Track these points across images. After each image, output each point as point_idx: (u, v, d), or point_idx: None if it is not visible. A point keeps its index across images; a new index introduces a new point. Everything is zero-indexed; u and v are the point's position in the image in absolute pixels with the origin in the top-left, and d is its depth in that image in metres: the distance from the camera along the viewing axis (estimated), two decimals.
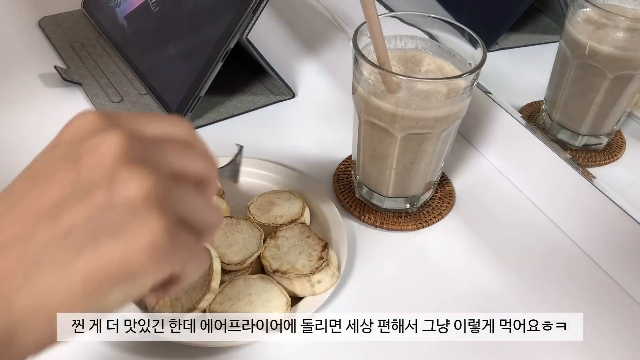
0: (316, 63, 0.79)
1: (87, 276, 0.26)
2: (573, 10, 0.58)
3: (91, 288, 0.27)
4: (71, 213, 0.27)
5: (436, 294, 0.53)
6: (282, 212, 0.54)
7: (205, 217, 0.31)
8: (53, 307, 0.26)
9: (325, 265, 0.49)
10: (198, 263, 0.32)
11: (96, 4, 0.80)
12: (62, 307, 0.27)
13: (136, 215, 0.27)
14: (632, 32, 0.55)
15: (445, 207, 0.60)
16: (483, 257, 0.56)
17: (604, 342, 0.50)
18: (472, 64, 0.52)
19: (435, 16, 0.54)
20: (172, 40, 0.70)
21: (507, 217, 0.60)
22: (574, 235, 0.58)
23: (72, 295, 0.27)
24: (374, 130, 0.53)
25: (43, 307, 0.26)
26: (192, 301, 0.46)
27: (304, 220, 0.54)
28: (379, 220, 0.58)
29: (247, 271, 0.51)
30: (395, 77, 0.49)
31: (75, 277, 0.26)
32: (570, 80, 0.60)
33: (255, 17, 0.63)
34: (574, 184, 0.56)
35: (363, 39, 0.51)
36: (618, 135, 0.65)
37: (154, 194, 0.27)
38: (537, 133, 0.60)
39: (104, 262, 0.27)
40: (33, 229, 0.27)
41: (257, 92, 0.72)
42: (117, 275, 0.27)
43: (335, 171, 0.63)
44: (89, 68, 0.73)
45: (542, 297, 0.53)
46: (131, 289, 0.28)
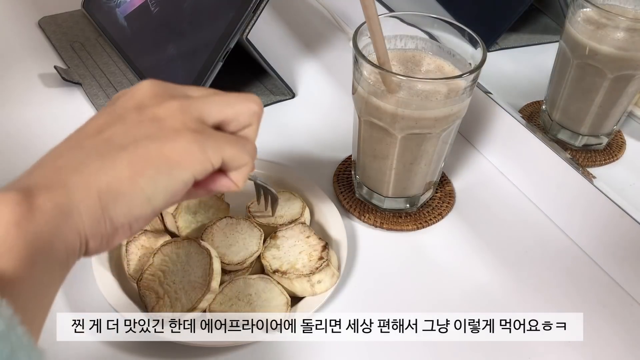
0: (316, 63, 0.79)
1: (129, 162, 0.32)
2: (573, 10, 0.58)
3: (134, 171, 0.32)
4: (113, 128, 0.33)
5: (436, 294, 0.53)
6: (282, 212, 0.54)
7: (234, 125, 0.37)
8: (103, 185, 0.31)
9: (325, 265, 0.49)
10: (236, 147, 0.35)
11: (96, 4, 0.80)
12: (110, 186, 0.31)
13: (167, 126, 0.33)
14: (632, 32, 0.55)
15: (445, 207, 0.60)
16: (483, 257, 0.56)
17: (604, 342, 0.50)
18: (472, 64, 0.52)
19: (435, 16, 0.54)
20: (172, 40, 0.70)
21: (507, 217, 0.60)
22: (574, 235, 0.58)
23: (118, 176, 0.31)
24: (374, 130, 0.53)
25: (93, 185, 0.31)
26: (192, 301, 0.46)
27: (304, 220, 0.54)
28: (379, 220, 0.58)
29: (247, 271, 0.51)
30: (395, 77, 0.49)
31: (120, 164, 0.32)
32: (570, 80, 0.60)
33: (255, 17, 0.63)
34: (574, 184, 0.56)
35: (363, 39, 0.51)
36: (618, 135, 0.65)
37: (181, 109, 0.34)
38: (537, 133, 0.60)
39: (143, 152, 0.32)
40: (85, 139, 0.33)
41: (257, 92, 0.72)
42: (156, 164, 0.32)
43: (335, 171, 0.63)
44: (89, 68, 0.73)
45: (542, 297, 0.53)
46: (172, 180, 0.33)
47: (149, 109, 0.34)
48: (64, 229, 0.30)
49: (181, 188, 0.33)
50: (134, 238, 0.50)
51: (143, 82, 0.35)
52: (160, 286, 0.47)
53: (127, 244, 0.50)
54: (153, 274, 0.48)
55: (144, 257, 0.50)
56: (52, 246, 0.29)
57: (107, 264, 0.50)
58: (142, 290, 0.47)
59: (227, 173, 0.36)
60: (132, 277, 0.49)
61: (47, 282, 0.30)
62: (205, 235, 0.51)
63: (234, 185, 0.36)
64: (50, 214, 0.29)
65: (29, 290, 0.28)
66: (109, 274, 0.49)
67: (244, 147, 0.36)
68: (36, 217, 0.29)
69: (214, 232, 0.52)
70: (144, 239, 0.51)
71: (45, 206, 0.29)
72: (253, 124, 0.37)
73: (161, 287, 0.47)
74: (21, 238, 0.28)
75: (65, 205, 0.30)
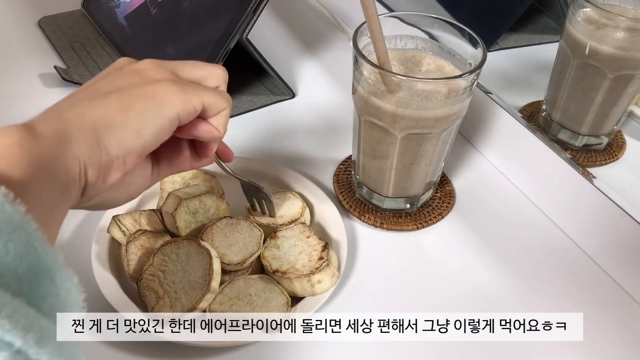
0: (316, 63, 0.79)
1: (118, 100, 0.35)
2: (573, 10, 0.58)
3: (123, 106, 0.35)
4: (98, 83, 0.37)
5: (436, 294, 0.53)
6: (282, 212, 0.54)
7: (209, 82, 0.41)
8: (96, 117, 0.34)
9: (325, 265, 0.49)
10: (213, 93, 0.39)
11: (96, 4, 0.80)
12: (103, 118, 0.34)
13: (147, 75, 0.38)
14: (632, 32, 0.55)
15: (445, 207, 0.60)
16: (483, 257, 0.56)
17: (604, 342, 0.50)
18: (472, 64, 0.52)
19: (435, 16, 0.54)
20: (171, 40, 0.70)
21: (507, 217, 0.60)
22: (574, 235, 0.58)
23: (109, 110, 0.35)
24: (374, 130, 0.53)
25: (88, 117, 0.34)
26: (192, 301, 0.46)
27: (304, 220, 0.54)
28: (379, 220, 0.58)
29: (247, 271, 0.51)
30: (395, 77, 0.49)
31: (110, 102, 0.35)
32: (571, 80, 0.60)
33: (255, 17, 0.63)
34: (574, 184, 0.56)
35: (363, 39, 0.51)
36: (618, 135, 0.65)
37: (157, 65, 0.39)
38: (537, 133, 0.60)
39: (129, 93, 0.36)
40: (76, 93, 0.37)
41: (257, 92, 0.72)
42: (142, 100, 0.36)
43: (335, 171, 0.63)
44: (89, 68, 0.73)
45: (542, 297, 0.53)
46: (158, 114, 0.36)
47: (129, 67, 0.39)
48: (64, 153, 0.32)
49: (167, 124, 0.37)
50: (133, 238, 0.50)
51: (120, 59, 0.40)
52: (160, 286, 0.47)
53: (127, 244, 0.50)
54: (153, 274, 0.48)
55: (144, 257, 0.50)
56: (54, 168, 0.31)
57: (107, 264, 0.50)
58: (142, 290, 0.47)
59: (208, 120, 0.40)
60: (132, 277, 0.49)
61: (51, 202, 0.31)
62: (205, 235, 0.51)
63: (215, 129, 0.40)
64: (50, 138, 0.32)
65: (35, 201, 0.30)
66: (109, 274, 0.49)
67: (220, 94, 0.40)
68: (37, 140, 0.31)
69: (214, 232, 0.52)
70: (144, 239, 0.51)
71: (46, 132, 0.32)
72: (221, 85, 0.42)
73: (161, 287, 0.47)
74: (24, 155, 0.30)
75: (63, 132, 0.33)
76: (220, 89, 0.41)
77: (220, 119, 0.40)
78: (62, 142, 0.32)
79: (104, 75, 0.39)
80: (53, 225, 0.32)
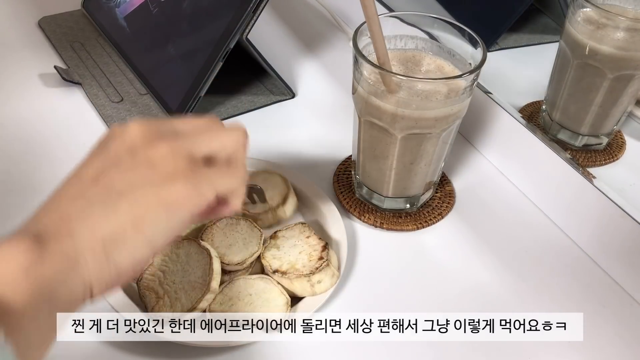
0: (316, 63, 0.79)
1: (130, 209, 0.33)
2: (573, 10, 0.58)
3: (135, 218, 0.33)
4: (110, 174, 0.35)
5: (436, 294, 0.53)
6: (269, 195, 0.55)
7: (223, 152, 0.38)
8: (107, 232, 0.33)
9: (325, 265, 0.49)
10: (227, 178, 0.37)
11: (96, 4, 0.80)
12: (114, 234, 0.33)
13: (161, 171, 0.35)
14: (632, 32, 0.55)
15: (445, 207, 0.60)
16: (483, 257, 0.56)
17: (604, 342, 0.50)
18: (472, 64, 0.52)
19: (435, 16, 0.54)
20: (172, 40, 0.70)
21: (507, 217, 0.60)
22: (574, 235, 0.58)
23: (120, 222, 0.33)
24: (374, 130, 0.53)
25: (98, 232, 0.33)
26: (192, 301, 0.46)
27: (293, 196, 0.55)
28: (379, 220, 0.58)
29: (247, 271, 0.51)
30: (395, 77, 0.49)
31: (121, 211, 0.33)
32: (570, 80, 0.60)
33: (255, 17, 0.63)
34: (574, 184, 0.56)
35: (363, 39, 0.51)
36: (618, 135, 0.65)
37: (171, 152, 0.35)
38: (537, 133, 0.60)
39: (142, 199, 0.34)
40: (86, 188, 0.34)
41: (257, 92, 0.72)
42: (155, 208, 0.34)
43: (335, 171, 0.63)
44: (89, 68, 0.73)
45: (542, 297, 0.53)
46: (171, 221, 0.34)
47: (142, 152, 0.35)
48: (70, 278, 0.32)
49: (180, 227, 0.35)
50: None
51: (131, 124, 0.36)
52: (160, 286, 0.47)
53: None
54: (153, 274, 0.48)
55: None
56: (58, 294, 0.31)
57: None
58: (142, 290, 0.47)
59: (222, 199, 0.38)
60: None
61: (47, 327, 0.31)
62: (205, 235, 0.51)
63: (230, 210, 0.39)
64: (58, 264, 0.31)
65: (28, 330, 0.30)
66: None
67: (233, 175, 0.38)
68: (45, 266, 0.31)
69: (214, 232, 0.52)
70: None
71: (54, 256, 0.31)
72: (240, 151, 0.39)
73: (161, 287, 0.47)
74: (29, 283, 0.30)
75: (72, 255, 0.32)
76: (240, 154, 0.39)
77: (235, 199, 0.39)
78: (70, 267, 0.32)
79: (114, 159, 0.35)
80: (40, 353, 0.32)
